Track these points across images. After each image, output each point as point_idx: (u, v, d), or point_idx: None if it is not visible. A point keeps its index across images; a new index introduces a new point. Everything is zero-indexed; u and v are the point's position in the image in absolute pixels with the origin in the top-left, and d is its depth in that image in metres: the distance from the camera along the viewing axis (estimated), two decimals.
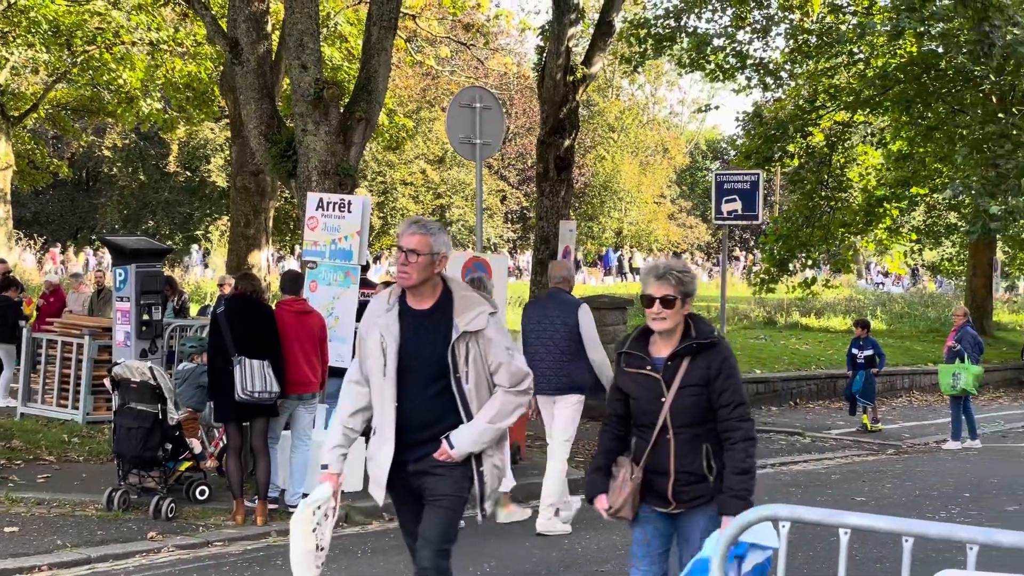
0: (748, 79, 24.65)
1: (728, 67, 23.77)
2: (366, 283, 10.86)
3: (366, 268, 11.48)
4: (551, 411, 8.83)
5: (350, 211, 10.25)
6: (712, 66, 23.72)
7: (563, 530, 8.69)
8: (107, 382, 9.38)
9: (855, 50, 22.72)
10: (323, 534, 4.81)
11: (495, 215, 45.86)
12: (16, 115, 29.95)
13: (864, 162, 26.85)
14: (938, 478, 12.32)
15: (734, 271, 43.60)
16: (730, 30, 23.41)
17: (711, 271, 48.08)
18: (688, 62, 23.72)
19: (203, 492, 9.27)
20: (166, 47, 26.18)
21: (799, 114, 23.93)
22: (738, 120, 31.56)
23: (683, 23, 22.77)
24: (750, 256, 49.18)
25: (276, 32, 18.60)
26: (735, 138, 37.55)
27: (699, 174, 61.08)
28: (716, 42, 23.20)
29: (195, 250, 42.48)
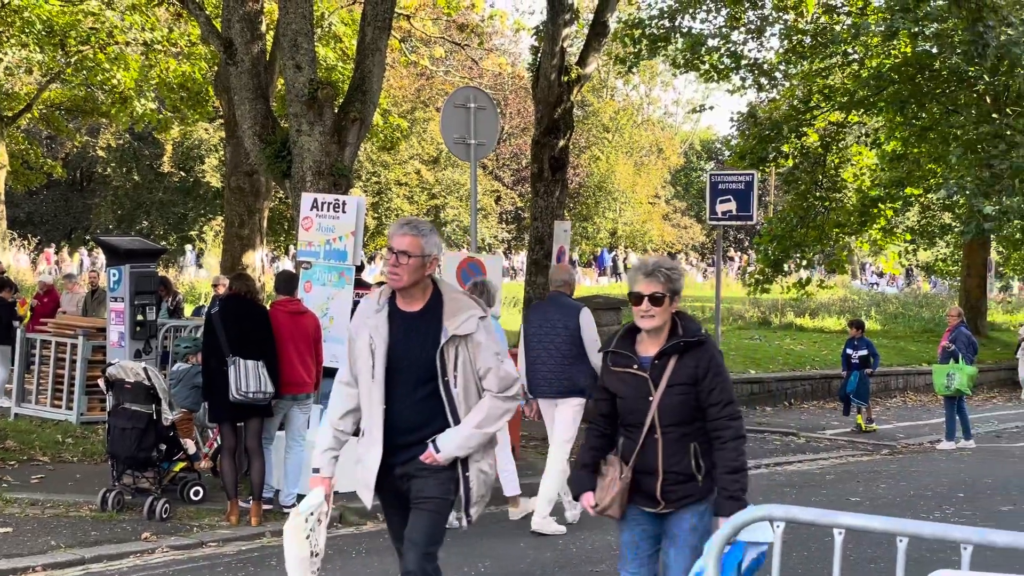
0: (742, 79, 24.67)
1: (723, 67, 23.81)
2: (360, 284, 10.85)
3: (361, 268, 11.47)
4: (552, 414, 8.86)
5: (345, 211, 10.23)
6: (706, 66, 23.75)
7: (558, 530, 8.70)
8: (101, 383, 9.35)
9: (849, 50, 22.76)
10: (317, 540, 4.76)
11: (490, 215, 45.82)
12: (10, 115, 29.92)
13: (858, 162, 26.89)
14: (932, 478, 12.33)
15: (729, 271, 43.63)
16: (724, 30, 23.46)
17: (706, 271, 48.10)
18: (682, 62, 23.75)
19: (197, 493, 9.25)
20: (160, 47, 26.15)
21: (793, 114, 23.96)
22: (732, 120, 31.71)
23: (677, 23, 22.81)
24: (745, 256, 49.26)
25: (270, 32, 18.60)
26: (730, 138, 37.47)
27: (694, 174, 61.09)
28: (710, 42, 23.24)
29: (189, 250, 42.40)
